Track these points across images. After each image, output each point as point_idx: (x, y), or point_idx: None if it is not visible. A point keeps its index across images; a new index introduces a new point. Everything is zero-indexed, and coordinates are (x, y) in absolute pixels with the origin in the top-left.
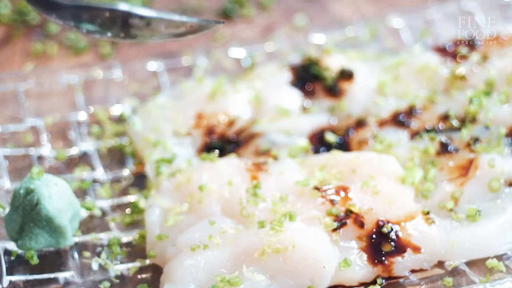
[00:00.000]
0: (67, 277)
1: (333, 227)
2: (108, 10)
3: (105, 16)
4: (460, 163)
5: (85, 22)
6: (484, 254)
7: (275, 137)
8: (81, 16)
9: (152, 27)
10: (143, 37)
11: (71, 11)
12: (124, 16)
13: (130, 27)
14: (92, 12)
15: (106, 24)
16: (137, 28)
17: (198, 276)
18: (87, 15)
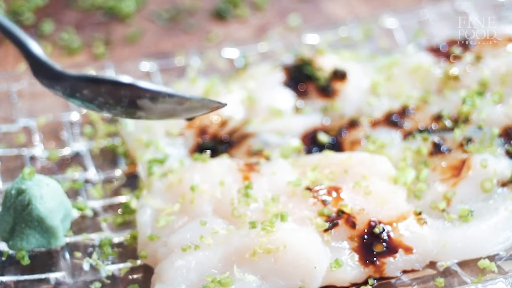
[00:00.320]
0: (58, 277)
1: (325, 228)
2: (111, 83)
3: (108, 89)
4: (453, 164)
5: (88, 96)
6: (476, 255)
7: (268, 138)
8: (84, 89)
9: (156, 102)
10: (147, 111)
11: (73, 83)
12: (130, 91)
13: (135, 103)
14: (95, 84)
15: (110, 97)
16: (141, 103)
17: (189, 277)
18: (90, 88)
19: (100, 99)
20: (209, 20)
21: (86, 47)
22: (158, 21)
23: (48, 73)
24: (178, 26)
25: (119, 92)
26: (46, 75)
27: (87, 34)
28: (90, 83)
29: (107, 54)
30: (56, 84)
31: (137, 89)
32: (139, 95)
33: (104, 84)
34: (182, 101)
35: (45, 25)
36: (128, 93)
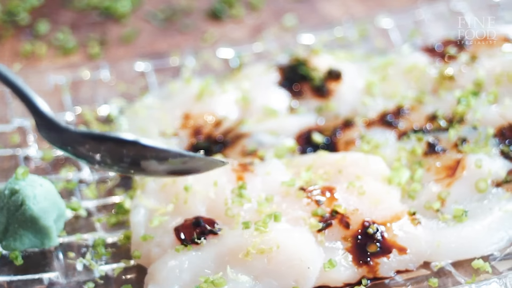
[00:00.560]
0: (52, 277)
1: (318, 228)
2: (114, 140)
3: (110, 147)
4: (447, 164)
5: (92, 152)
6: (470, 255)
7: (262, 138)
8: (86, 145)
9: (160, 162)
10: (149, 170)
11: (76, 139)
12: (133, 149)
13: (138, 162)
14: (97, 142)
15: (111, 155)
16: (145, 163)
17: (182, 277)
18: (92, 145)
19: (103, 157)
20: (204, 20)
21: (81, 47)
22: (153, 21)
23: (52, 129)
24: (174, 26)
25: (121, 151)
26: (50, 131)
27: (83, 34)
28: (92, 140)
29: (102, 54)
30: (59, 140)
31: (141, 147)
32: (143, 154)
33: (106, 142)
34: (185, 160)
35: (41, 25)
36: (132, 151)
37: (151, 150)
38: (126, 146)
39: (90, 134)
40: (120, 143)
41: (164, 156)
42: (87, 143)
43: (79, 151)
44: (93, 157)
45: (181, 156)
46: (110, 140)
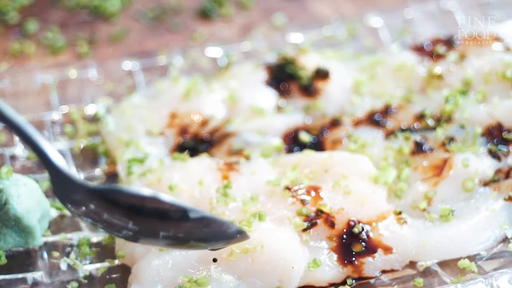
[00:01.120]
0: (36, 277)
1: (303, 227)
2: (132, 195)
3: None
4: (434, 163)
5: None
6: (457, 255)
7: (249, 137)
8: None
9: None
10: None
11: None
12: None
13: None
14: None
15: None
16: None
17: (166, 276)
18: (105, 202)
19: (109, 218)
20: (194, 19)
21: (70, 46)
22: (143, 20)
23: (66, 184)
24: (163, 25)
25: (133, 215)
26: (64, 186)
27: (72, 33)
28: (105, 198)
29: (91, 53)
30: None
31: (159, 202)
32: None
33: (120, 199)
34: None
35: (30, 24)
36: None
37: (169, 206)
38: (144, 201)
39: (105, 190)
40: (137, 198)
41: (181, 215)
42: (99, 201)
43: (89, 209)
44: (100, 217)
45: (201, 218)
46: (126, 196)
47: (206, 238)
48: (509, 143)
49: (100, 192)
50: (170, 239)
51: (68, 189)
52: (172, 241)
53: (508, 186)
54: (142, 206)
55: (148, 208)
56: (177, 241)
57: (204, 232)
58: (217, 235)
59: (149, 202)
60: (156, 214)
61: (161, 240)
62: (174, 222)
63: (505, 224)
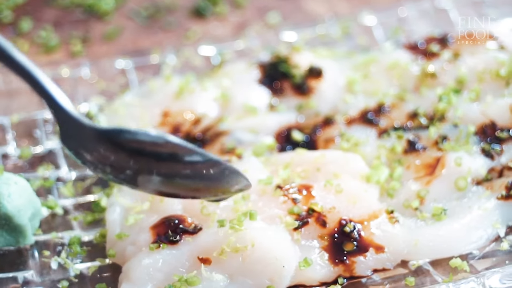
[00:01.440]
0: (26, 276)
1: (294, 226)
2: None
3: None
4: (427, 162)
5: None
6: (449, 254)
7: (241, 135)
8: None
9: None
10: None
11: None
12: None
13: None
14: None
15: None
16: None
17: (156, 276)
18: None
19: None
20: (188, 18)
21: (64, 45)
22: (137, 18)
23: (71, 125)
24: (157, 24)
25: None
26: (69, 127)
27: (65, 32)
28: (111, 140)
29: (84, 52)
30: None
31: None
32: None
33: (126, 141)
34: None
35: (24, 23)
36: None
37: (175, 146)
38: (150, 141)
39: (113, 130)
40: (144, 138)
41: (188, 155)
42: (106, 142)
43: (95, 152)
44: (105, 161)
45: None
46: (133, 136)
47: (210, 182)
48: (502, 142)
49: (107, 133)
50: (173, 179)
51: (75, 132)
52: (176, 181)
53: (501, 185)
54: (148, 146)
55: (154, 148)
56: (182, 181)
57: (208, 175)
58: (219, 179)
59: (156, 142)
60: (162, 154)
61: (162, 182)
62: (180, 162)
63: (498, 223)
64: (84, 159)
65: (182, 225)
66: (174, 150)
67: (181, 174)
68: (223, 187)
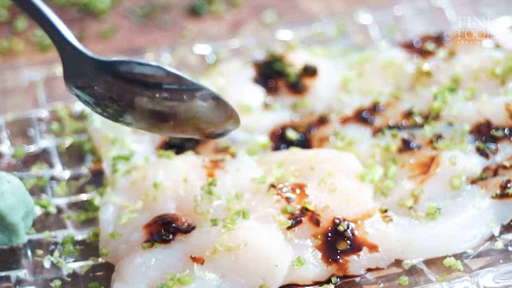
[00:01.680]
0: (19, 275)
1: (288, 225)
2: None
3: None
4: (422, 160)
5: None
6: (443, 253)
7: (235, 134)
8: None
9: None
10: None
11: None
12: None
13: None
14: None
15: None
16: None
17: (149, 275)
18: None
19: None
20: (183, 17)
21: None
22: (132, 17)
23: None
24: (153, 22)
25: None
26: (72, 61)
27: None
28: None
29: None
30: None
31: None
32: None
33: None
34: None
35: (19, 22)
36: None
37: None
38: (150, 71)
39: (114, 61)
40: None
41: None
42: (107, 73)
43: (96, 84)
44: (104, 94)
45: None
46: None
47: (204, 114)
48: (497, 141)
49: (108, 63)
50: (171, 109)
51: (78, 65)
52: (174, 110)
53: (496, 184)
54: (147, 77)
55: (153, 79)
56: (179, 112)
57: (202, 106)
58: (214, 111)
59: (155, 73)
60: (160, 84)
61: (159, 114)
62: (178, 93)
63: (492, 222)
64: (85, 96)
65: (175, 224)
66: (173, 81)
67: (179, 105)
68: (215, 120)
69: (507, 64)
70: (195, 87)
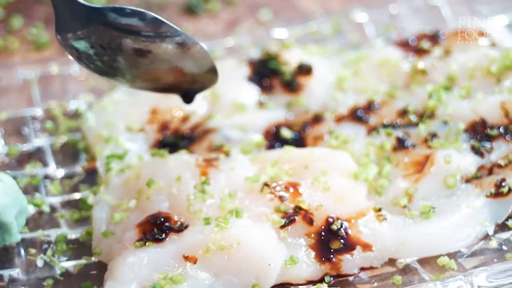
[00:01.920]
0: (12, 274)
1: (281, 224)
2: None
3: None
4: (416, 159)
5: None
6: (436, 252)
7: (229, 133)
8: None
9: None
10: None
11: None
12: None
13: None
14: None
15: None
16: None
17: (141, 273)
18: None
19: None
20: (179, 15)
21: (54, 42)
22: None
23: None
24: None
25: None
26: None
27: None
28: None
29: None
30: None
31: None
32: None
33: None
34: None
35: (15, 20)
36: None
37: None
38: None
39: (106, 8)
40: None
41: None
42: (98, 21)
43: (87, 32)
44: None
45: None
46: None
47: (184, 63)
48: (492, 139)
49: (98, 10)
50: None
51: (70, 15)
52: (159, 58)
53: (490, 183)
54: (136, 22)
55: (139, 24)
56: (164, 61)
57: (183, 54)
58: (193, 60)
59: (141, 17)
60: (148, 32)
61: (145, 65)
62: (157, 37)
63: (486, 221)
64: (77, 43)
65: (168, 223)
66: (156, 26)
67: (162, 50)
68: (195, 69)
69: (502, 62)
70: (178, 33)
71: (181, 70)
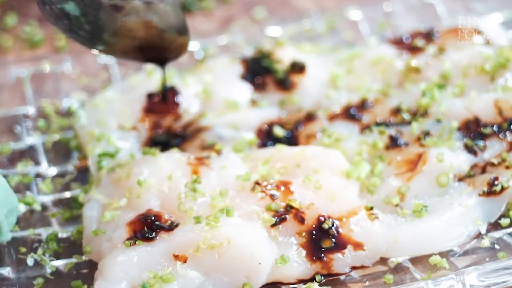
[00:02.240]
0: (2, 272)
1: (272, 223)
2: None
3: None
4: (409, 158)
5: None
6: (428, 251)
7: (222, 131)
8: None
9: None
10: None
11: None
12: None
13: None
14: None
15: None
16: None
17: (131, 272)
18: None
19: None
20: None
21: (48, 40)
22: None
23: None
24: None
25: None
26: None
27: (50, 27)
28: None
29: (69, 47)
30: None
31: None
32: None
33: None
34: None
35: (9, 18)
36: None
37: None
38: None
39: None
40: None
41: None
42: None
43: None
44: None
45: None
46: None
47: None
48: (486, 138)
49: None
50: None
51: None
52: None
53: (483, 181)
54: None
55: None
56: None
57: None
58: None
59: None
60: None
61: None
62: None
63: (479, 220)
64: (66, 15)
65: (158, 222)
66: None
67: (134, 8)
68: (170, 30)
69: (496, 60)
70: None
71: (151, 23)
